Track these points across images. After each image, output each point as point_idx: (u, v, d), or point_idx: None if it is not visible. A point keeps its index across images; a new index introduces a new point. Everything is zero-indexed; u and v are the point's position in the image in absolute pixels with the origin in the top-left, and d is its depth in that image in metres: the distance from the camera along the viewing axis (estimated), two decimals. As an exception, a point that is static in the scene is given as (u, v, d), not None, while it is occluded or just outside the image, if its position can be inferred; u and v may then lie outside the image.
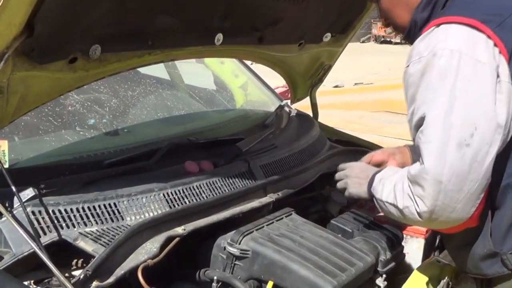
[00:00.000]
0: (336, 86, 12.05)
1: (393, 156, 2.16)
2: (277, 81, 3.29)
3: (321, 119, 3.38)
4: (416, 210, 1.66)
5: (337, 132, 3.42)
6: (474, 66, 1.59)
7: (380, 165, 2.14)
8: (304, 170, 2.57)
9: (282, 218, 2.15)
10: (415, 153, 2.11)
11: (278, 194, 2.33)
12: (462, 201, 1.60)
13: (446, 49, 1.60)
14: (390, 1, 1.90)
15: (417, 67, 1.65)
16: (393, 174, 1.85)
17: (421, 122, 1.64)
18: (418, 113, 1.65)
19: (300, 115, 3.20)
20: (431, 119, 1.60)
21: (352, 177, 2.04)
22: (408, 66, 1.71)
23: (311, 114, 3.31)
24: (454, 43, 1.61)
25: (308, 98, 3.33)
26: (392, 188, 1.77)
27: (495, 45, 1.62)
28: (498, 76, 1.60)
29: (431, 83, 1.61)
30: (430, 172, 1.59)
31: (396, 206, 1.75)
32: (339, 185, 2.09)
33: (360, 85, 12.84)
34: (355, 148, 3.00)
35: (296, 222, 2.14)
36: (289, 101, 3.31)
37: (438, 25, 1.67)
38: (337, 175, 2.12)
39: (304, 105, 3.34)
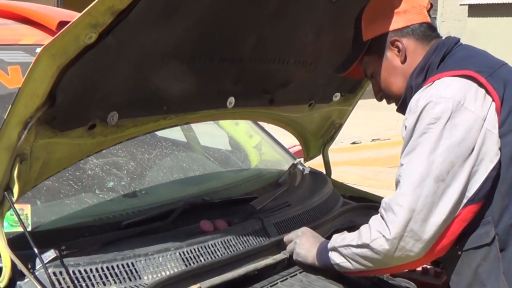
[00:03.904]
0: (353, 143, 12.07)
1: None
2: (294, 140, 3.36)
3: (338, 176, 3.41)
4: (385, 238, 1.77)
5: (350, 188, 3.44)
6: (463, 113, 1.75)
7: None
8: (318, 226, 2.59)
9: (296, 275, 2.18)
10: None
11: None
12: (428, 231, 1.73)
13: (441, 97, 1.77)
14: (385, 69, 2.03)
15: (414, 116, 1.80)
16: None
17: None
18: (409, 149, 1.80)
19: (313, 172, 3.25)
20: (417, 153, 1.76)
21: (303, 238, 2.15)
22: (407, 118, 1.86)
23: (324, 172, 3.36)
24: (448, 91, 1.78)
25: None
26: (356, 233, 1.89)
27: (487, 92, 1.78)
28: (483, 125, 1.76)
29: (425, 125, 1.77)
30: (406, 199, 1.74)
31: (361, 245, 1.85)
32: (288, 247, 2.19)
33: (377, 141, 12.84)
34: (368, 204, 3.02)
35: (309, 278, 2.17)
36: (302, 159, 3.36)
37: (433, 81, 1.84)
38: (286, 238, 2.23)
39: (318, 163, 3.39)
